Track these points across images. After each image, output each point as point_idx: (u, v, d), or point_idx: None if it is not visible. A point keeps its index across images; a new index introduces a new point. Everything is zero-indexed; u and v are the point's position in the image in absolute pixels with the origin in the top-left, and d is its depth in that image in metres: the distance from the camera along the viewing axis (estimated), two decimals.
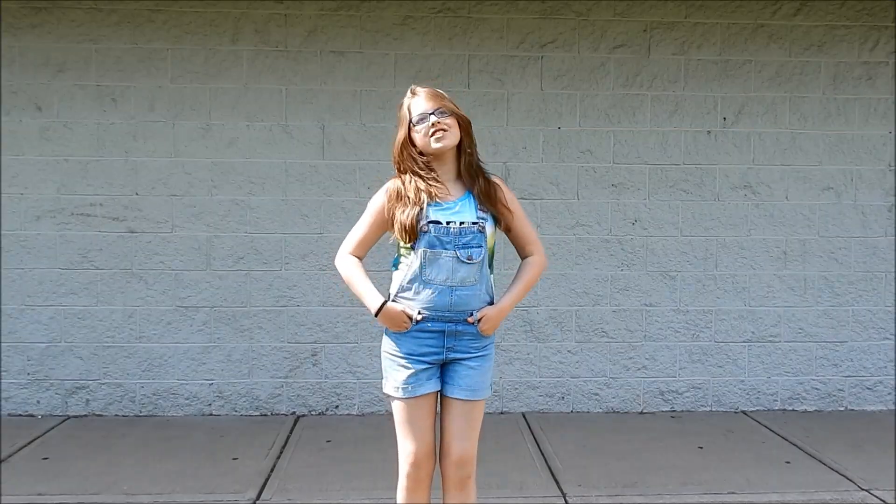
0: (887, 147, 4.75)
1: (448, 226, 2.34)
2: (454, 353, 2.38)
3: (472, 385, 2.39)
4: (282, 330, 4.57)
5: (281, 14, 4.51)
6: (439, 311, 2.34)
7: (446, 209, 2.36)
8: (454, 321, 2.36)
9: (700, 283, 4.72)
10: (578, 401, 4.69)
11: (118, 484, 3.49)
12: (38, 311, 4.49)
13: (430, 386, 2.39)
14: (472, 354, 2.39)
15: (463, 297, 2.35)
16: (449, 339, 2.37)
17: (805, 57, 4.70)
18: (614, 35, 4.63)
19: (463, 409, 2.40)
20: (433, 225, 2.33)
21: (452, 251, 2.33)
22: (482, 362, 2.41)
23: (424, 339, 2.37)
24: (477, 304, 2.38)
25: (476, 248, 2.35)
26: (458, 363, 2.39)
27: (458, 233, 2.34)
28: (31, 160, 4.46)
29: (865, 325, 4.77)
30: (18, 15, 4.43)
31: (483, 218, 2.38)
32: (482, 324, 2.37)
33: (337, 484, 3.51)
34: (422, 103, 2.38)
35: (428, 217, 2.34)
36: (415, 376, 2.37)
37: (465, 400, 2.39)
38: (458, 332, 2.36)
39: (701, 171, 4.69)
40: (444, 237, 2.33)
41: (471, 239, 2.35)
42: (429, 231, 2.33)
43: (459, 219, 2.35)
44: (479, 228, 2.36)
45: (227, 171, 4.52)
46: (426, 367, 2.37)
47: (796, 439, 4.19)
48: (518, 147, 4.61)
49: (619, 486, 3.51)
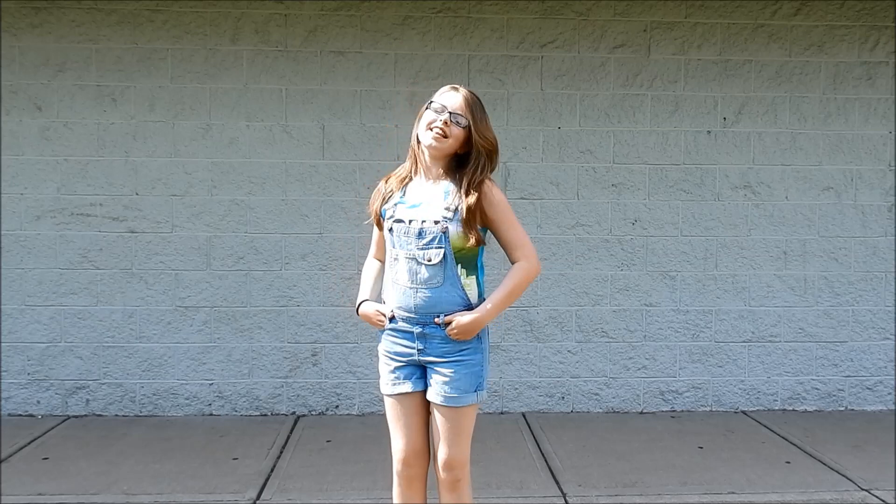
0: (887, 147, 4.75)
1: (409, 224, 2.31)
2: (426, 355, 2.34)
3: (446, 391, 2.31)
4: (282, 330, 4.57)
5: (281, 14, 4.51)
6: (406, 312, 2.33)
7: (412, 207, 2.34)
8: (421, 323, 2.32)
9: (700, 283, 4.72)
10: (578, 401, 4.69)
11: (118, 484, 3.49)
12: (38, 311, 4.49)
13: (412, 385, 2.37)
14: (447, 359, 2.31)
15: (428, 299, 2.29)
16: (420, 341, 2.33)
17: (805, 57, 4.70)
18: (614, 35, 4.63)
19: (444, 415, 2.34)
20: (396, 224, 2.33)
21: (412, 251, 2.30)
22: (459, 368, 2.30)
23: (398, 338, 2.38)
24: (447, 306, 2.30)
25: (436, 249, 2.28)
26: (433, 367, 2.34)
27: (416, 233, 2.29)
28: (31, 160, 4.46)
29: (865, 325, 4.77)
30: (18, 15, 4.43)
31: (448, 218, 2.27)
32: (451, 328, 2.27)
33: (337, 484, 3.51)
34: (451, 99, 2.32)
35: (394, 216, 2.34)
36: (393, 373, 2.39)
37: (443, 406, 2.33)
38: (427, 334, 2.32)
39: (701, 171, 4.69)
40: (404, 237, 2.31)
41: (431, 239, 2.28)
42: (392, 230, 2.34)
43: (421, 217, 2.30)
44: (442, 229, 2.27)
45: (227, 171, 4.53)
46: (402, 364, 2.38)
47: (796, 439, 4.19)
48: (518, 147, 4.61)
49: (619, 486, 3.51)
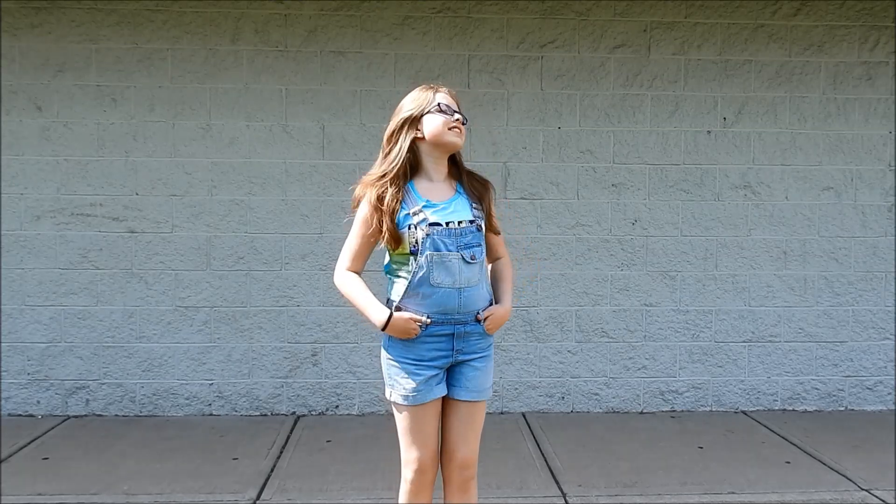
0: (887, 147, 4.75)
1: (448, 227, 2.31)
2: (462, 354, 2.36)
3: (477, 386, 2.38)
4: (282, 330, 4.57)
5: (281, 14, 4.51)
6: (448, 314, 2.31)
7: (442, 209, 2.33)
8: (463, 322, 2.33)
9: (700, 283, 4.72)
10: (578, 401, 4.69)
11: (118, 484, 3.49)
12: (38, 311, 4.49)
13: (439, 391, 2.36)
14: (479, 354, 2.38)
15: (470, 298, 2.33)
16: (458, 342, 2.34)
17: (805, 57, 4.70)
18: (614, 35, 4.63)
19: (467, 411, 2.38)
20: (434, 227, 2.29)
21: (457, 252, 2.31)
22: (486, 362, 2.40)
23: (434, 343, 2.33)
24: (482, 303, 2.37)
25: (477, 247, 2.35)
26: (464, 365, 2.38)
27: (459, 233, 2.31)
28: (31, 160, 4.46)
29: (865, 325, 4.77)
30: (18, 15, 4.43)
31: (479, 216, 2.38)
32: (488, 322, 2.37)
33: (337, 484, 3.51)
34: (448, 99, 2.39)
35: (427, 219, 2.30)
36: (425, 383, 2.32)
37: (469, 401, 2.37)
38: (467, 333, 2.35)
39: (701, 171, 4.69)
40: (447, 238, 2.30)
41: (471, 238, 2.34)
42: (431, 234, 2.29)
43: (457, 218, 2.33)
44: (478, 227, 2.36)
45: (227, 171, 4.53)
46: (436, 372, 2.34)
47: (796, 439, 4.19)
48: (518, 147, 4.61)
49: (619, 486, 3.51)
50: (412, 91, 2.42)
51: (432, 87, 2.41)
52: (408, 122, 2.36)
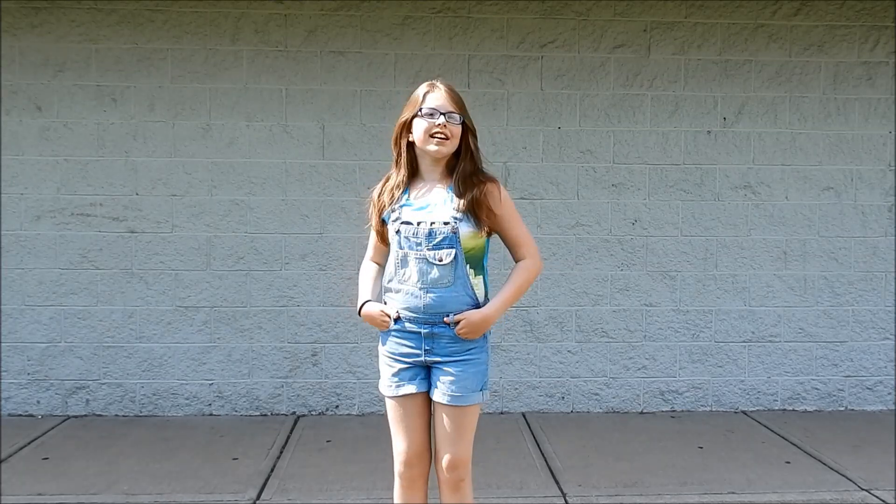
0: (887, 147, 4.75)
1: (418, 226, 2.32)
2: (433, 355, 2.34)
3: (452, 391, 2.32)
4: (282, 330, 4.57)
5: (281, 14, 4.51)
6: (414, 313, 2.33)
7: (420, 209, 2.35)
8: (430, 323, 2.32)
9: (700, 283, 4.72)
10: (578, 401, 4.69)
11: (118, 484, 3.49)
12: (38, 311, 4.49)
13: (415, 386, 2.37)
14: (454, 358, 2.33)
15: (438, 299, 2.31)
16: (427, 341, 2.33)
17: (805, 57, 4.70)
18: (614, 35, 4.63)
19: (449, 414, 2.35)
20: (404, 226, 2.33)
21: (422, 252, 2.31)
22: (465, 367, 2.32)
23: (403, 339, 2.36)
24: (455, 306, 2.32)
25: (447, 249, 2.30)
26: (439, 367, 2.34)
27: (427, 233, 2.31)
28: (31, 160, 4.46)
29: (865, 325, 4.77)
30: (18, 15, 4.43)
31: (457, 219, 2.30)
32: (460, 327, 2.30)
33: (337, 484, 3.51)
34: (438, 100, 2.33)
35: (400, 218, 2.34)
36: (397, 375, 2.38)
37: (448, 405, 2.34)
38: (435, 334, 2.33)
39: (701, 171, 4.69)
40: (413, 238, 2.32)
41: (441, 240, 2.30)
42: (400, 232, 2.34)
43: (430, 219, 2.32)
44: (452, 229, 2.30)
45: (226, 171, 4.53)
46: (407, 366, 2.37)
47: (796, 439, 4.19)
48: (518, 147, 4.61)
49: (619, 486, 3.51)
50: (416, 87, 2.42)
51: (431, 84, 2.39)
52: (403, 126, 2.38)
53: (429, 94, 2.35)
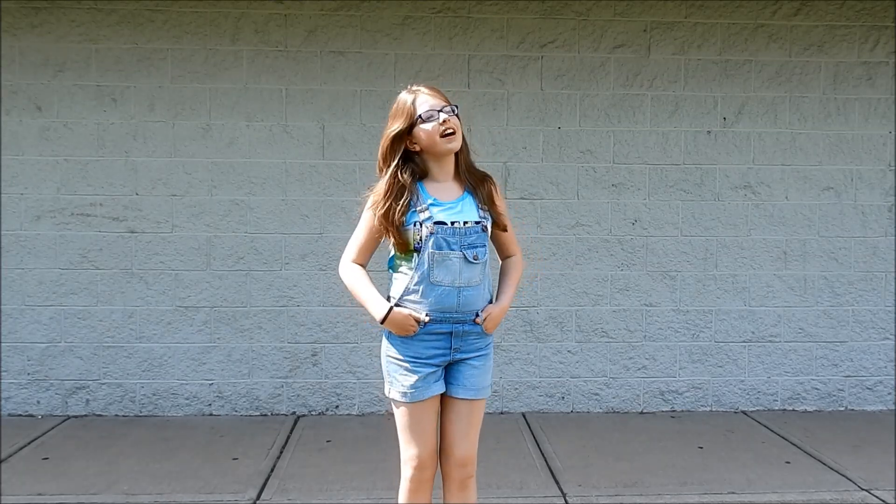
0: (887, 147, 4.75)
1: (453, 226, 2.32)
2: (460, 353, 2.37)
3: (476, 384, 2.39)
4: (282, 330, 4.57)
5: (281, 14, 4.51)
6: (447, 313, 2.32)
7: (449, 209, 2.34)
8: (461, 321, 2.34)
9: (700, 283, 4.72)
10: (578, 401, 4.69)
11: (118, 484, 3.49)
12: (38, 311, 4.49)
13: (436, 388, 2.37)
14: (477, 353, 2.39)
15: (469, 297, 2.34)
16: (456, 340, 2.35)
17: (805, 57, 4.70)
18: (614, 35, 4.63)
19: (466, 409, 2.39)
20: (439, 226, 2.30)
21: (459, 252, 2.31)
22: (485, 361, 2.41)
23: (431, 341, 2.34)
24: (481, 303, 2.38)
25: (481, 248, 2.35)
26: (462, 363, 2.39)
27: (463, 233, 2.32)
28: (31, 160, 4.46)
29: (865, 325, 4.77)
30: (18, 15, 4.43)
31: (484, 217, 2.38)
32: (486, 322, 2.37)
33: (337, 484, 3.51)
34: (428, 100, 2.33)
35: (432, 217, 2.31)
36: (423, 380, 2.33)
37: (468, 399, 2.38)
38: (465, 332, 2.36)
39: (701, 171, 4.69)
40: (451, 238, 2.31)
41: (475, 239, 2.34)
42: (435, 232, 2.30)
43: (463, 218, 2.34)
44: (483, 228, 2.36)
45: (226, 171, 4.53)
46: (433, 369, 2.35)
47: (796, 439, 4.19)
48: (518, 147, 4.61)
49: (619, 486, 3.51)
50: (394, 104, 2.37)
51: (410, 90, 2.36)
52: (397, 139, 2.34)
53: (416, 99, 2.33)
